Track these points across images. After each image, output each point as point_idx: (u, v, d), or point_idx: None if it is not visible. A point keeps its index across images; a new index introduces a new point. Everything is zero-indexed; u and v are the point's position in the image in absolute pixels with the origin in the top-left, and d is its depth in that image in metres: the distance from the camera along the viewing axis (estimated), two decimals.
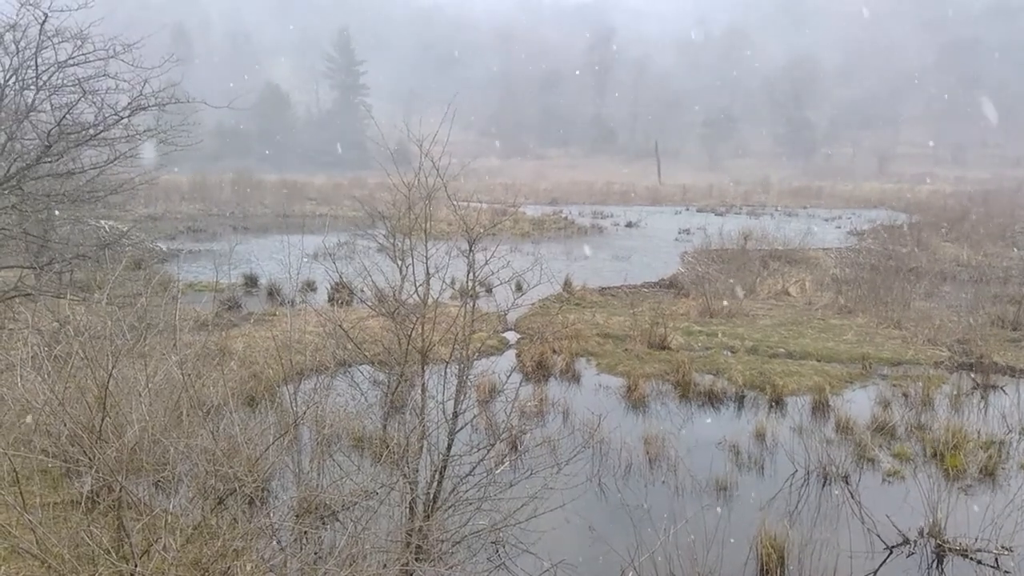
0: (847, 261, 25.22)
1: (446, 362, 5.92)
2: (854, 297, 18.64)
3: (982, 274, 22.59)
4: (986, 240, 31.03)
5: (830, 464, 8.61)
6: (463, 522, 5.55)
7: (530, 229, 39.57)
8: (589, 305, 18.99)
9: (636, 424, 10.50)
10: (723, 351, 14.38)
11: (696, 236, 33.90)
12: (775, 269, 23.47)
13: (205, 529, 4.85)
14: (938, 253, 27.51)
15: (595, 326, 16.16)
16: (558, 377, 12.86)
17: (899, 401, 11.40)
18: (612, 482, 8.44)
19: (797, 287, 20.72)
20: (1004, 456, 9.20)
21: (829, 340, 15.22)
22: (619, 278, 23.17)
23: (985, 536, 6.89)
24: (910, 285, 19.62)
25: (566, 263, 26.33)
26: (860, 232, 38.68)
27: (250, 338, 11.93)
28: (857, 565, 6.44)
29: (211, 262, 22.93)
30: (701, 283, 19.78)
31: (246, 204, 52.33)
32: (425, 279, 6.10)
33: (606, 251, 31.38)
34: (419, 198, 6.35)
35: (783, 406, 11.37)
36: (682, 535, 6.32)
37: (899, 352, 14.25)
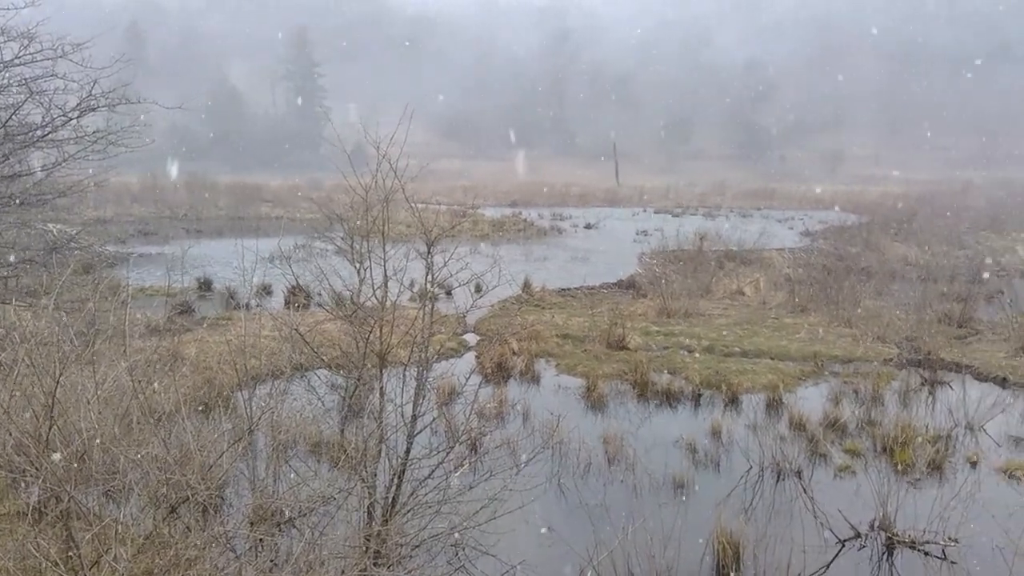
0: (800, 261, 25.76)
1: (405, 365, 5.89)
2: (806, 296, 19.04)
3: (929, 273, 23.24)
4: (933, 240, 31.95)
5: (784, 460, 8.78)
6: (422, 526, 5.52)
7: (490, 231, 39.58)
8: (548, 306, 19.07)
9: (595, 424, 10.57)
10: (680, 350, 14.57)
11: (653, 237, 34.26)
12: (730, 269, 23.87)
13: (157, 539, 4.76)
14: (887, 253, 28.25)
15: (554, 327, 16.24)
16: (518, 378, 12.88)
17: (850, 397, 11.68)
18: (571, 482, 8.48)
19: (752, 287, 21.09)
20: (951, 450, 9.48)
21: (783, 339, 15.53)
22: (578, 279, 23.31)
23: (933, 528, 7.09)
24: (860, 284, 20.12)
25: (526, 264, 26.40)
26: (812, 233, 39.53)
27: (203, 343, 11.72)
28: (810, 559, 6.57)
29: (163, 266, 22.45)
30: (659, 284, 20.02)
31: (199, 206, 51.33)
32: (383, 282, 6.06)
33: (565, 252, 31.55)
34: (377, 200, 6.32)
35: (738, 404, 11.56)
36: (640, 533, 6.38)
37: (850, 350, 14.61)
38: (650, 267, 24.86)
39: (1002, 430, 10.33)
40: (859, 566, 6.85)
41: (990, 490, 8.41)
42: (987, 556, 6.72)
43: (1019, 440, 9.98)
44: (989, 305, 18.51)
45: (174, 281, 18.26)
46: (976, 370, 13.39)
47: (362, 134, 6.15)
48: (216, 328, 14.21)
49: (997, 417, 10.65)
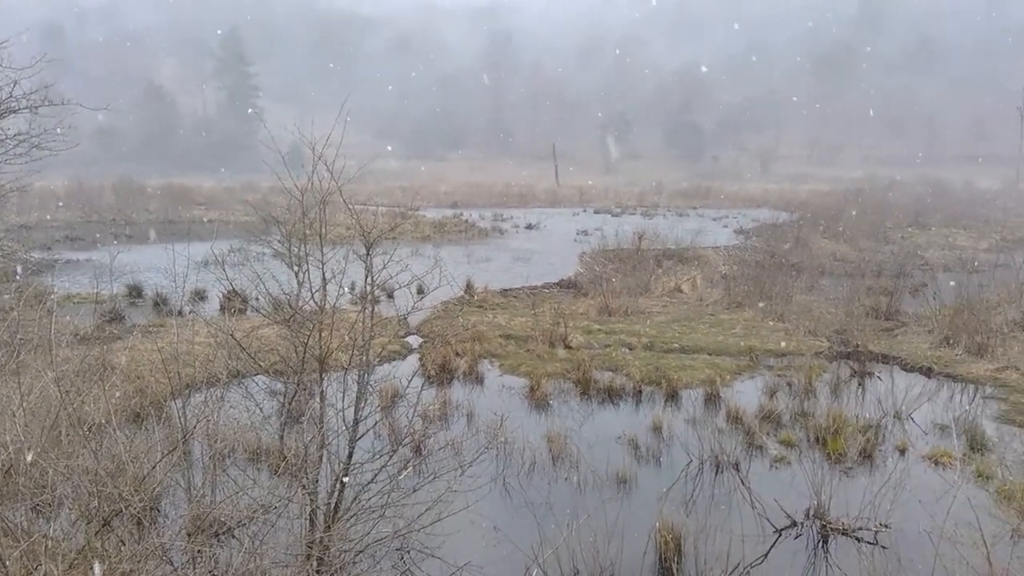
0: (734, 258, 26.40)
1: (345, 369, 5.82)
2: (741, 292, 19.52)
3: (857, 268, 24.12)
4: (860, 236, 33.14)
5: (722, 453, 8.98)
6: (366, 531, 5.46)
7: (431, 232, 39.40)
8: (491, 307, 19.09)
9: (539, 423, 10.63)
10: (621, 348, 14.77)
11: (594, 237, 34.63)
12: (669, 267, 24.32)
13: (90, 553, 4.58)
14: (817, 249, 29.17)
15: (497, 327, 16.26)
16: (461, 379, 12.86)
17: (784, 390, 12.02)
18: (516, 481, 8.51)
19: (689, 284, 21.52)
20: (880, 439, 9.85)
21: (719, 334, 15.89)
22: (520, 280, 23.40)
23: (865, 515, 7.34)
24: (792, 280, 20.73)
25: (468, 266, 26.36)
26: (746, 231, 40.54)
27: (135, 351, 11.34)
28: (749, 548, 6.74)
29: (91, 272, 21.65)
30: (599, 282, 20.25)
31: (129, 210, 49.67)
32: (322, 285, 5.97)
33: (507, 253, 31.62)
34: (314, 202, 6.22)
35: (678, 399, 11.78)
36: (584, 529, 6.45)
37: (783, 344, 15.04)
38: (591, 266, 25.12)
39: (928, 418, 10.78)
40: (796, 554, 7.05)
41: (918, 476, 8.77)
42: (915, 540, 7.00)
43: (944, 428, 10.42)
44: (914, 298, 19.29)
45: (103, 288, 17.63)
46: (903, 361, 13.94)
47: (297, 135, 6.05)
48: (148, 335, 13.77)
49: (923, 406, 11.11)
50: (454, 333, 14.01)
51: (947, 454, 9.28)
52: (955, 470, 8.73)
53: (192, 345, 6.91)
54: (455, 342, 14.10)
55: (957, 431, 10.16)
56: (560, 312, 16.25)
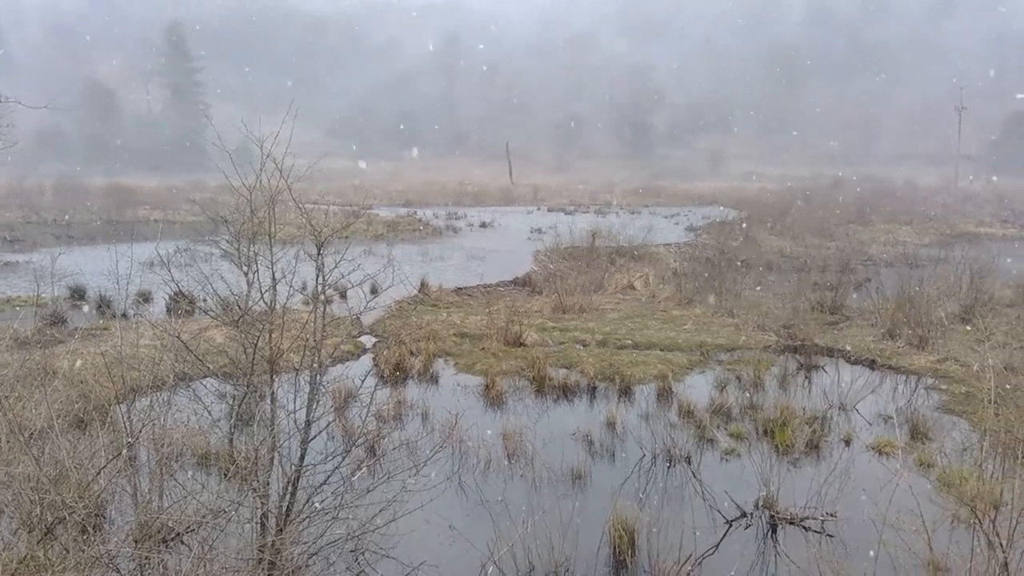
0: (685, 255, 26.79)
1: (297, 370, 5.74)
2: (692, 289, 19.84)
3: (803, 264, 24.70)
4: (806, 233, 33.94)
5: (674, 447, 9.12)
6: (319, 533, 5.40)
7: (384, 231, 39.13)
8: (446, 306, 19.05)
9: (495, 421, 10.64)
10: (576, 345, 14.87)
11: (548, 235, 34.77)
12: (622, 265, 24.56)
13: (32, 563, 4.44)
14: (765, 246, 29.80)
15: (452, 326, 16.23)
16: (416, 379, 12.80)
17: (734, 384, 12.26)
18: (472, 480, 8.51)
19: (641, 281, 21.78)
20: (827, 430, 10.11)
21: (671, 330, 16.12)
22: (475, 278, 23.38)
23: (812, 504, 7.53)
24: (741, 276, 21.15)
25: (422, 264, 26.25)
26: (696, 228, 41.19)
27: (78, 355, 11.02)
28: (701, 540, 6.86)
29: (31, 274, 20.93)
30: (554, 280, 20.35)
31: (71, 210, 48.17)
32: (271, 285, 5.88)
33: (461, 251, 31.56)
34: (263, 202, 6.12)
35: (631, 395, 11.92)
36: (540, 526, 6.48)
37: (733, 338, 15.33)
38: (545, 264, 25.24)
39: (872, 409, 11.11)
40: (746, 544, 7.20)
41: (862, 466, 9.02)
42: (860, 528, 7.21)
43: (887, 418, 10.74)
44: (858, 293, 19.83)
45: (43, 291, 17.07)
46: (847, 354, 14.33)
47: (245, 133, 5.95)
48: (91, 339, 13.39)
49: (867, 397, 11.45)
50: (408, 332, 13.93)
51: (890, 444, 9.57)
52: (898, 459, 9.01)
53: (137, 348, 6.74)
54: (409, 341, 14.03)
55: (899, 421, 10.49)
56: (515, 310, 16.28)
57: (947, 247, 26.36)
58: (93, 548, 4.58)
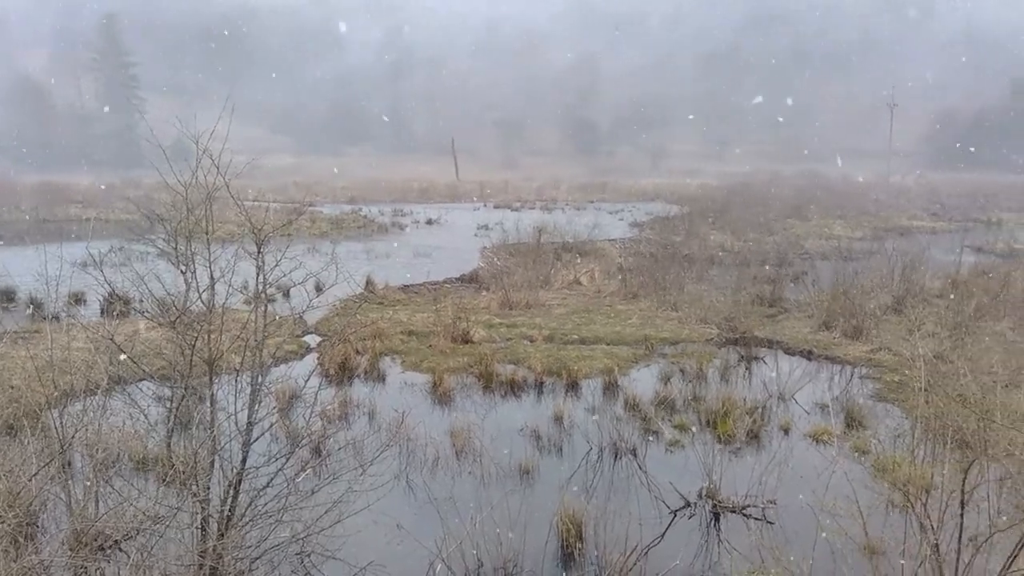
0: (630, 251, 27.12)
1: (237, 371, 5.62)
2: (637, 284, 20.09)
3: (743, 258, 25.24)
4: (746, 228, 34.67)
5: (620, 440, 9.24)
6: (263, 536, 5.30)
7: (329, 228, 38.60)
8: (392, 303, 18.89)
9: (442, 418, 10.62)
10: (523, 341, 14.92)
11: (494, 231, 34.79)
12: (568, 260, 24.71)
13: None
14: (706, 240, 30.33)
15: (399, 324, 16.12)
16: (362, 378, 12.68)
17: (678, 377, 12.47)
18: (419, 478, 8.48)
19: (587, 277, 21.96)
20: (766, 420, 10.37)
21: (616, 324, 16.31)
22: (421, 275, 23.24)
23: (753, 492, 7.72)
24: (684, 270, 21.50)
25: (368, 262, 25.98)
26: (640, 224, 41.69)
27: (6, 359, 10.58)
28: (647, 530, 6.96)
29: None
30: (501, 277, 20.37)
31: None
32: (210, 284, 5.75)
33: (408, 249, 31.33)
34: (200, 199, 5.97)
35: (578, 389, 12.02)
36: (488, 522, 6.49)
37: (676, 332, 15.60)
38: (492, 261, 25.22)
39: (810, 398, 11.44)
40: (690, 533, 7.34)
41: (800, 454, 9.30)
42: (799, 514, 7.42)
43: (824, 407, 11.07)
44: (795, 286, 20.37)
45: None
46: (786, 345, 14.72)
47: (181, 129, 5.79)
48: (20, 342, 12.86)
49: (805, 387, 11.77)
50: (354, 330, 13.77)
51: (827, 432, 9.87)
52: (834, 446, 9.30)
53: (69, 351, 6.50)
54: (355, 340, 13.88)
55: (835, 410, 10.82)
56: (462, 307, 16.26)
57: (879, 240, 27.28)
58: (26, 558, 4.41)
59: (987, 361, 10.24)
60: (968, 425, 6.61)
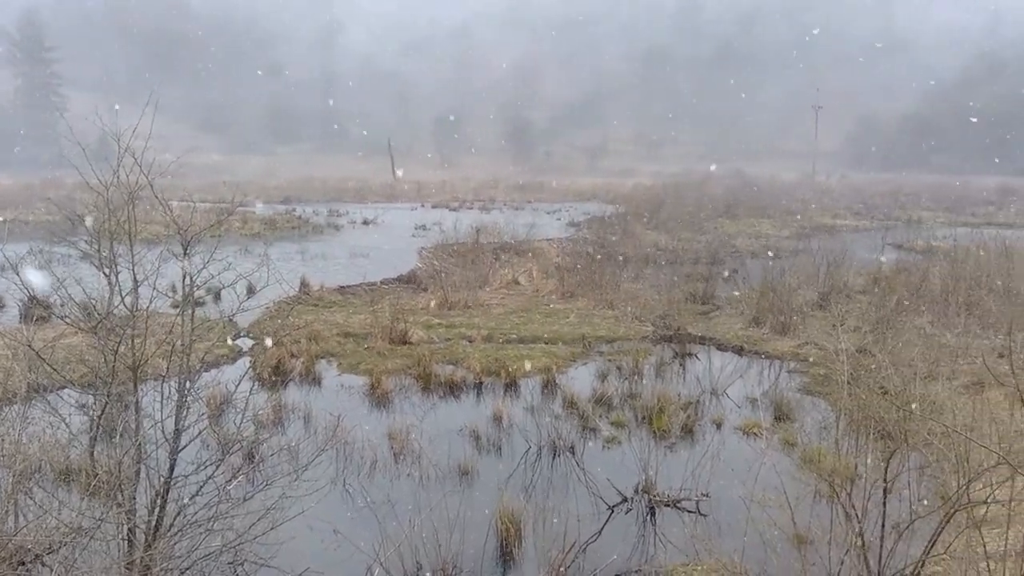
0: (567, 250, 27.33)
1: (163, 376, 5.44)
2: (574, 283, 20.28)
3: (677, 257, 25.75)
4: (679, 227, 35.35)
5: (559, 438, 9.32)
6: (193, 546, 5.16)
7: (261, 229, 37.75)
8: (328, 305, 18.60)
9: (380, 420, 10.52)
10: (462, 341, 14.90)
11: (432, 231, 34.63)
12: (506, 260, 24.77)
13: None
14: (641, 240, 30.80)
15: (335, 326, 15.89)
16: (297, 381, 12.45)
17: (614, 374, 12.65)
18: (357, 482, 8.38)
19: (526, 276, 22.07)
20: (700, 414, 10.62)
21: (554, 323, 16.44)
22: (358, 276, 22.96)
23: (688, 486, 7.89)
24: (620, 269, 21.81)
25: (302, 263, 25.53)
26: (577, 223, 42.06)
27: None
28: (584, 527, 7.04)
29: None
30: (439, 277, 20.28)
31: None
32: (133, 287, 5.55)
33: (344, 249, 30.90)
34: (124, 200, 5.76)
35: (517, 388, 12.07)
36: (427, 524, 6.45)
37: (613, 330, 15.82)
38: (430, 261, 25.08)
39: (741, 393, 11.75)
40: (627, 528, 7.46)
41: (732, 447, 9.55)
42: (731, 506, 7.61)
43: (754, 401, 11.40)
44: (727, 283, 20.88)
45: None
46: (718, 341, 15.08)
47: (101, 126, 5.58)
48: None
49: (736, 382, 12.10)
50: (288, 333, 13.51)
51: (757, 425, 10.16)
52: (764, 439, 9.57)
53: None
54: (289, 342, 13.62)
55: (765, 404, 11.16)
56: (400, 308, 16.12)
57: (806, 239, 28.14)
58: None
59: (907, 354, 10.67)
60: (889, 416, 6.89)
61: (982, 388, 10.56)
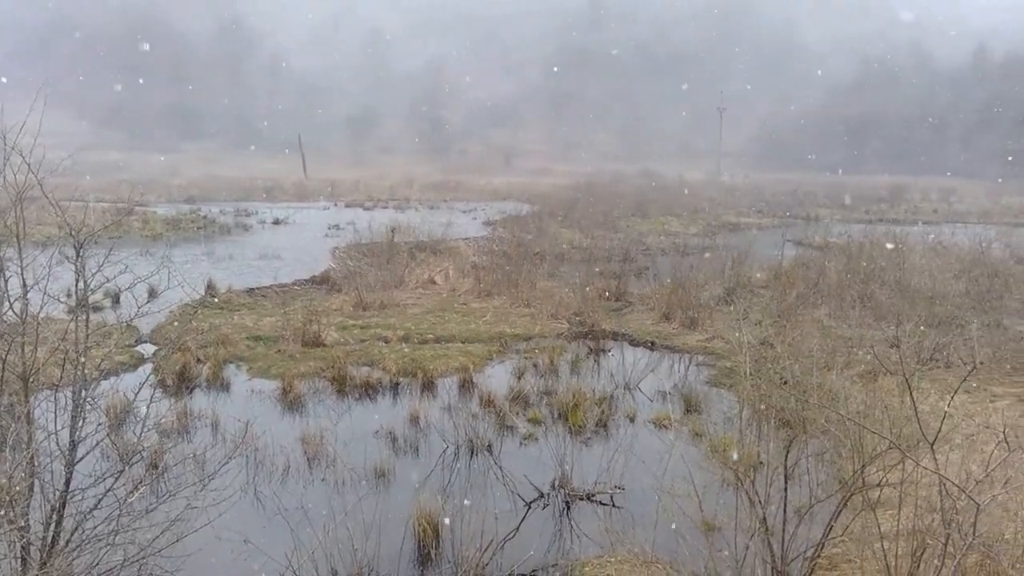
0: (483, 249, 27.39)
1: (57, 385, 5.16)
2: (490, 281, 20.33)
3: (591, 255, 26.16)
4: (593, 225, 35.94)
5: (476, 437, 9.34)
6: (93, 562, 4.91)
7: (164, 230, 36.25)
8: (237, 308, 18.03)
9: (293, 425, 10.29)
10: (377, 342, 14.72)
11: (346, 231, 34.05)
12: (422, 260, 24.60)
13: None
14: (556, 238, 31.17)
15: (244, 329, 15.42)
16: (204, 387, 12.04)
17: (531, 371, 12.77)
18: (268, 488, 8.17)
19: (442, 276, 21.98)
20: (613, 409, 10.84)
21: (471, 323, 16.45)
22: (268, 277, 22.38)
23: (602, 479, 8.06)
24: (535, 268, 22.01)
25: (209, 265, 24.67)
26: (493, 222, 42.19)
27: None
28: (502, 524, 7.08)
29: None
30: (353, 278, 19.96)
31: None
32: (23, 292, 5.24)
33: (253, 250, 30.01)
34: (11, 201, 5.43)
35: (434, 388, 12.03)
36: (341, 529, 6.35)
37: (529, 328, 15.96)
38: (344, 261, 24.66)
39: (653, 387, 12.07)
40: (544, 523, 7.55)
41: (645, 440, 9.79)
42: (643, 497, 7.81)
43: (665, 394, 11.73)
44: (638, 280, 21.38)
45: None
46: (631, 337, 15.44)
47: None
48: None
49: (648, 376, 12.41)
50: (193, 337, 13.02)
51: (667, 417, 10.45)
52: (674, 431, 9.86)
53: None
54: (195, 347, 13.14)
55: (675, 397, 11.50)
56: (313, 309, 15.78)
57: (712, 236, 29.14)
58: None
59: (806, 346, 11.19)
60: (789, 406, 7.22)
61: (875, 377, 11.19)
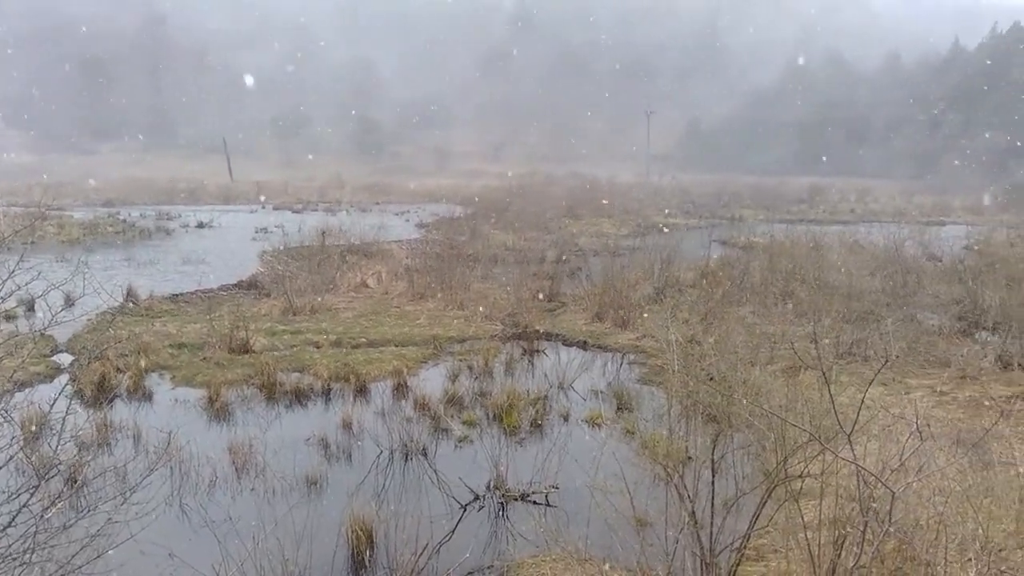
0: (416, 251, 27.20)
1: None
2: (424, 284, 20.22)
3: (524, 256, 26.30)
4: (526, 227, 36.11)
5: (410, 441, 9.27)
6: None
7: (81, 235, 34.78)
8: (159, 314, 17.44)
9: (220, 434, 10.02)
10: (308, 347, 14.45)
11: (274, 234, 33.29)
12: (354, 263, 24.28)
13: None
14: (490, 240, 31.20)
15: (167, 336, 14.93)
16: (125, 398, 11.59)
17: (466, 373, 12.76)
18: (194, 500, 7.93)
19: (374, 279, 21.74)
20: (548, 409, 10.93)
21: (405, 326, 16.33)
22: (192, 283, 21.71)
23: (537, 480, 8.11)
24: (469, 269, 21.99)
25: (129, 270, 23.80)
26: (426, 224, 41.97)
27: None
28: (437, 528, 7.05)
29: None
30: (282, 281, 19.55)
31: None
32: None
33: (176, 255, 29.07)
34: None
35: (367, 393, 11.89)
36: (272, 539, 6.21)
37: (463, 330, 15.94)
38: (272, 265, 24.11)
39: (586, 386, 12.21)
40: (480, 525, 7.55)
41: (578, 438, 9.89)
42: (577, 495, 7.89)
43: (598, 393, 11.88)
44: (571, 280, 21.59)
45: None
46: (564, 337, 15.59)
47: None
48: None
49: (582, 376, 12.54)
50: (109, 346, 12.52)
51: (600, 416, 10.60)
52: (606, 429, 10.01)
53: None
54: (115, 356, 12.65)
55: (608, 395, 11.67)
56: (240, 315, 15.37)
57: (642, 236, 29.59)
58: None
59: (731, 343, 11.52)
60: (715, 401, 7.41)
61: (797, 371, 11.59)
